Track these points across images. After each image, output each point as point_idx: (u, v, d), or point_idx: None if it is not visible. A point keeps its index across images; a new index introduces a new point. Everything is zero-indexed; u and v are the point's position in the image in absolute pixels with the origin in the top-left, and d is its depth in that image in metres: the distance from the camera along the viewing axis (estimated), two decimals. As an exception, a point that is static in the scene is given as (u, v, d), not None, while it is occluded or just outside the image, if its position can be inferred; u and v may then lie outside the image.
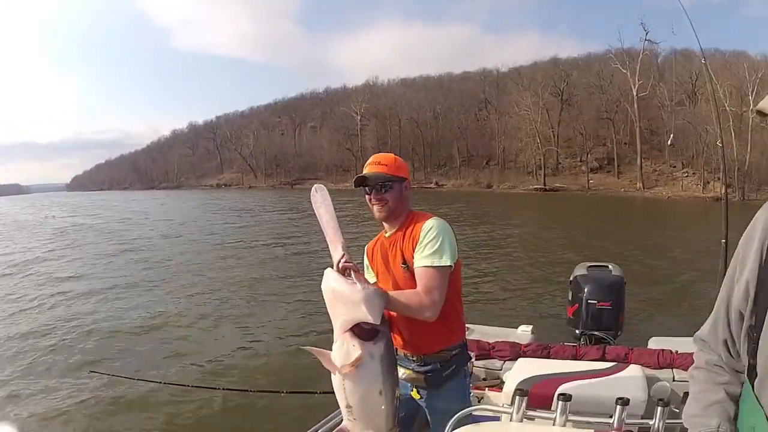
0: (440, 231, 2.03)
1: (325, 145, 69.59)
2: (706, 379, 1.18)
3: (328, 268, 1.85)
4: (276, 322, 8.37)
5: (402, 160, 2.20)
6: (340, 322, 1.79)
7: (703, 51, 4.18)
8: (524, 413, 1.95)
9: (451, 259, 2.01)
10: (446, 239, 2.02)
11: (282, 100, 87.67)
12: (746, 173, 36.65)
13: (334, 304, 1.81)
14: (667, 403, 1.87)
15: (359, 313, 1.76)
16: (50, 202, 59.98)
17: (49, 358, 6.95)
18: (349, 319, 1.78)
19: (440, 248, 2.00)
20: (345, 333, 1.78)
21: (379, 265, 2.21)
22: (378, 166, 2.12)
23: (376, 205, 2.13)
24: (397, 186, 2.12)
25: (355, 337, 1.77)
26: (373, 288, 1.84)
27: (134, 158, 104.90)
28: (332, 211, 2.00)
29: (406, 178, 2.16)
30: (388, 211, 2.13)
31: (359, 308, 1.76)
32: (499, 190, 53.12)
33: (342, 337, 1.78)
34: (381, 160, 2.15)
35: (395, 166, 2.14)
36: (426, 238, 2.02)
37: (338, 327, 1.80)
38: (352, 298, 1.76)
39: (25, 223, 31.19)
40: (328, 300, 1.83)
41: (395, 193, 2.11)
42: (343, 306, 1.79)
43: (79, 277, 12.65)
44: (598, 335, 3.82)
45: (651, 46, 49.82)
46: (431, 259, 1.99)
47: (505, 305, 9.13)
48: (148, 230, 23.67)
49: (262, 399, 4.90)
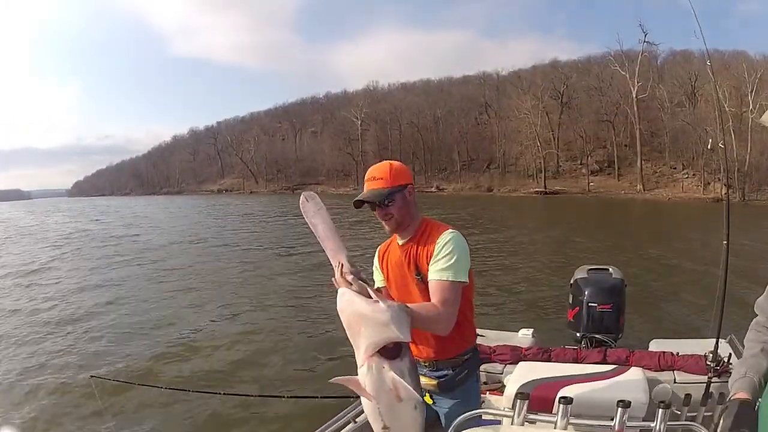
0: (456, 245, 1.99)
1: (326, 150, 69.77)
2: (751, 337, 1.41)
3: (343, 288, 1.72)
4: (279, 327, 8.35)
5: (400, 165, 2.10)
6: (366, 345, 1.66)
7: (708, 53, 4.16)
8: (525, 417, 1.95)
9: (465, 275, 1.99)
10: (463, 254, 1.99)
11: (282, 106, 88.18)
12: (746, 174, 36.63)
13: (357, 327, 1.67)
14: (669, 405, 1.87)
15: (388, 334, 1.65)
16: (54, 208, 60.00)
17: (51, 362, 6.94)
18: (377, 341, 1.66)
19: (456, 263, 1.96)
20: (372, 356, 1.66)
21: (392, 273, 2.17)
22: (374, 182, 2.03)
23: (384, 221, 2.07)
24: (399, 195, 2.03)
25: (383, 358, 1.66)
26: (398, 304, 1.72)
27: (135, 164, 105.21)
28: (329, 219, 1.88)
29: (407, 184, 2.06)
30: (397, 224, 2.07)
31: (388, 329, 1.64)
32: (499, 193, 53.18)
33: (369, 361, 1.66)
34: (376, 174, 2.04)
35: (392, 175, 2.03)
36: (443, 251, 1.98)
37: (363, 351, 1.67)
38: (380, 319, 1.64)
39: (30, 229, 31.24)
40: (349, 323, 1.69)
41: (398, 203, 2.04)
42: (368, 328, 1.65)
43: (85, 283, 12.64)
44: (598, 338, 3.81)
45: (650, 48, 50.05)
46: (447, 273, 1.95)
47: (505, 309, 9.11)
48: (156, 236, 23.63)
49: (263, 404, 4.90)
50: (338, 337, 7.42)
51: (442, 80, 74.04)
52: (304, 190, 2.15)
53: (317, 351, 7.04)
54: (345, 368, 6.08)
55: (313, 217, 1.88)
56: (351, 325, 1.69)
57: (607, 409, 2.01)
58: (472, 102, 64.69)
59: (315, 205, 1.89)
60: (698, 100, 43.85)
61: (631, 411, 1.90)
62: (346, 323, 1.69)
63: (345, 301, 1.69)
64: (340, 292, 1.71)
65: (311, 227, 1.87)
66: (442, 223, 2.13)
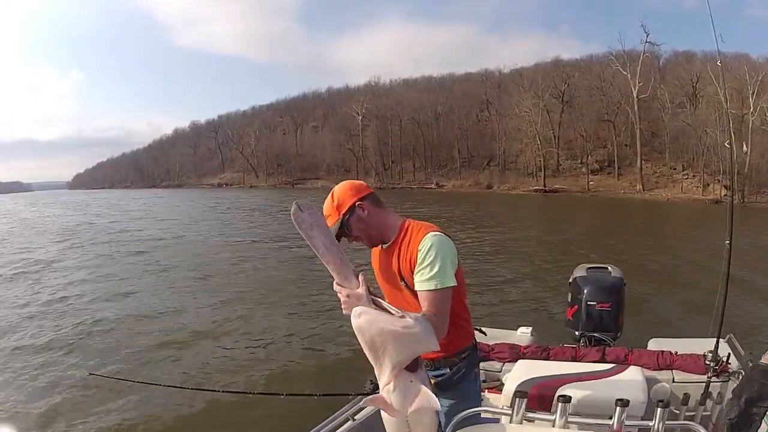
0: (439, 249, 1.93)
1: (327, 145, 69.70)
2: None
3: (360, 307, 1.60)
4: (278, 325, 8.35)
5: (342, 190, 2.04)
6: (393, 362, 1.59)
7: (711, 54, 4.16)
8: (524, 415, 1.95)
9: (452, 279, 1.94)
10: (446, 258, 1.94)
11: (284, 100, 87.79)
12: (746, 176, 36.61)
13: (382, 346, 1.58)
14: (667, 404, 1.87)
15: (422, 347, 1.62)
16: (54, 200, 59.85)
17: (49, 359, 6.95)
18: (408, 355, 1.61)
19: (441, 270, 1.91)
20: (402, 372, 1.61)
21: (381, 277, 2.16)
22: (327, 220, 1.94)
23: (359, 243, 2.07)
24: (352, 220, 2.00)
25: (408, 371, 1.62)
26: (421, 315, 1.66)
27: (136, 156, 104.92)
28: (328, 231, 1.73)
29: (353, 205, 2.01)
30: (369, 240, 2.07)
31: (422, 342, 1.60)
32: (499, 191, 53.20)
33: (397, 378, 1.61)
34: (326, 212, 1.99)
35: (335, 207, 2.00)
36: (425, 259, 1.92)
37: (390, 369, 1.60)
38: (411, 334, 1.57)
39: (32, 222, 31.22)
40: (372, 343, 1.58)
41: (355, 225, 2.01)
42: (399, 345, 1.58)
43: (87, 278, 12.66)
44: (597, 337, 3.81)
45: (652, 48, 49.99)
46: (434, 282, 1.91)
47: (504, 307, 9.13)
48: (158, 230, 23.61)
49: (262, 401, 4.89)
50: (338, 336, 7.44)
51: (444, 76, 74.02)
52: (304, 185, 2.09)
53: (316, 348, 7.05)
54: (345, 367, 6.10)
55: (309, 229, 1.63)
56: (374, 345, 1.58)
57: (606, 407, 2.01)
58: (474, 99, 64.60)
59: (311, 216, 1.64)
60: (699, 102, 43.83)
61: (629, 410, 1.90)
62: (369, 343, 1.59)
63: (366, 321, 1.56)
64: (357, 312, 1.59)
65: (307, 240, 1.64)
66: (425, 223, 2.07)
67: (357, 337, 1.62)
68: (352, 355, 6.33)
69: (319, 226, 1.65)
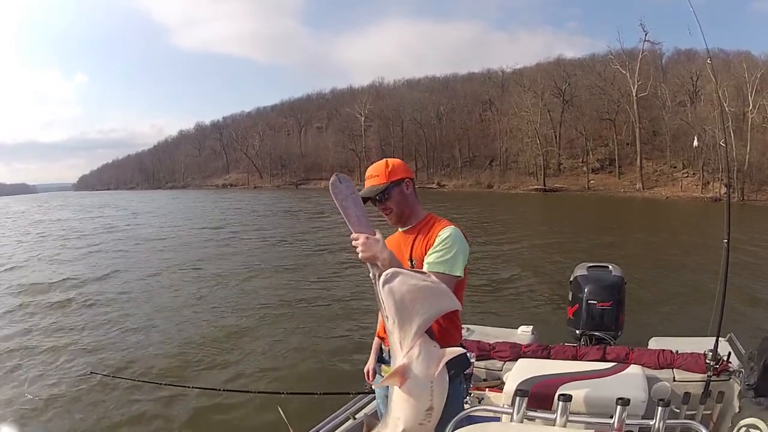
0: (456, 240, 2.01)
1: (330, 145, 69.69)
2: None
3: (393, 269, 1.62)
4: (278, 324, 8.35)
5: (397, 162, 2.19)
6: (421, 320, 1.63)
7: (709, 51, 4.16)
8: (525, 414, 1.96)
9: (461, 271, 2.01)
10: (461, 251, 2.01)
11: (288, 101, 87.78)
12: (746, 173, 36.48)
13: (413, 304, 1.61)
14: (668, 403, 1.88)
15: (447, 303, 1.69)
16: (63, 202, 59.34)
17: (51, 357, 6.96)
18: (437, 311, 1.68)
19: (454, 257, 1.98)
20: (424, 336, 1.65)
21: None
22: (372, 180, 2.14)
23: (384, 214, 2.16)
24: (395, 190, 2.12)
25: (428, 336, 1.68)
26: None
27: (141, 158, 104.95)
28: (361, 203, 1.87)
29: (403, 179, 2.14)
30: (397, 217, 2.16)
31: (447, 298, 1.69)
32: (499, 190, 53.15)
33: (420, 341, 1.64)
34: (372, 172, 2.15)
35: (387, 172, 2.12)
36: (442, 245, 2.00)
37: (416, 329, 1.63)
38: (439, 289, 1.65)
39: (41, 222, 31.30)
40: (403, 302, 1.60)
41: (396, 197, 2.12)
42: (429, 302, 1.63)
43: (96, 277, 12.67)
44: (598, 335, 3.82)
45: (652, 47, 49.84)
46: (444, 266, 1.96)
47: (505, 306, 9.11)
48: (168, 230, 23.62)
49: (263, 400, 4.90)
50: (339, 335, 7.45)
51: (446, 77, 73.86)
52: (307, 186, 2.12)
53: (317, 347, 7.05)
54: (346, 366, 6.09)
55: (344, 200, 1.80)
56: (404, 304, 1.60)
57: (607, 406, 2.01)
58: (476, 99, 64.53)
59: (348, 188, 1.81)
60: (700, 100, 43.71)
61: (630, 409, 1.91)
62: (398, 303, 1.60)
63: (400, 280, 1.59)
64: (391, 273, 1.60)
65: (341, 210, 1.79)
66: (446, 219, 2.16)
67: (382, 303, 1.63)
68: (353, 354, 6.35)
69: (354, 199, 1.81)
